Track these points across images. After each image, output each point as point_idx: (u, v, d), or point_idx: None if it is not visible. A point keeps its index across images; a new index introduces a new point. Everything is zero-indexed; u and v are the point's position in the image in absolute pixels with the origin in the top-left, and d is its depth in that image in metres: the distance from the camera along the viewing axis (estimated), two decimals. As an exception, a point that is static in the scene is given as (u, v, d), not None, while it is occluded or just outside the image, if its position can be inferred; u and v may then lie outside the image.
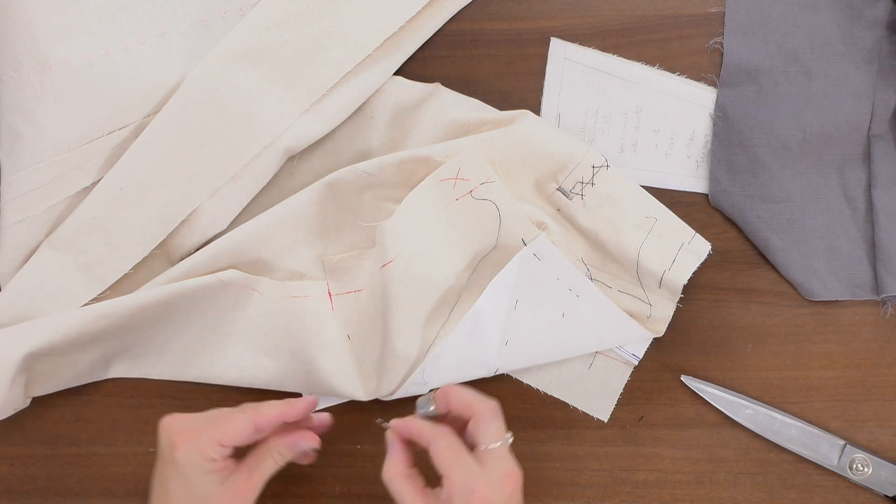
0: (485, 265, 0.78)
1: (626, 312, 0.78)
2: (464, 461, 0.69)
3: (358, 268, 0.80)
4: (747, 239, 0.80)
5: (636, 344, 0.80)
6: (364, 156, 0.82)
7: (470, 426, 0.71)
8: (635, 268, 0.78)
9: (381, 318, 0.77)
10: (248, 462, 0.72)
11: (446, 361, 0.77)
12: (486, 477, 0.68)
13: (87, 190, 0.79)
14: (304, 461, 0.74)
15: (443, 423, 0.71)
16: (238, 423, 0.71)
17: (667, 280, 0.76)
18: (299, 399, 0.73)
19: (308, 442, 0.74)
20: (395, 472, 0.70)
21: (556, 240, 0.78)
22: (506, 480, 0.69)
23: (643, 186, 0.79)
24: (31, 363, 0.77)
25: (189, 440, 0.69)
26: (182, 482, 0.70)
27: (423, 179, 0.78)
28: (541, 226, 0.78)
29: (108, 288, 0.80)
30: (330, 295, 0.80)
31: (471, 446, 0.70)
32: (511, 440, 0.70)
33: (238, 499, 0.71)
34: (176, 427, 0.70)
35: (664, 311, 0.78)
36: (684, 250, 0.77)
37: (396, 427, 0.72)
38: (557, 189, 0.79)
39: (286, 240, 0.80)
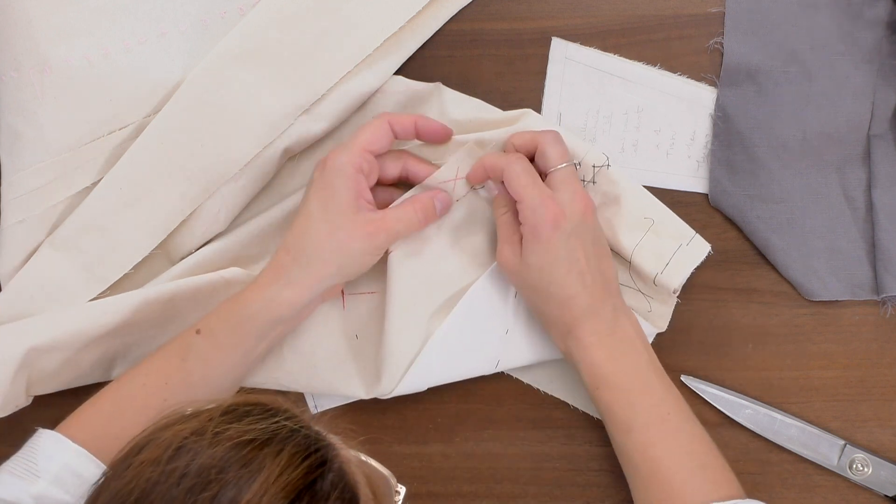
0: (489, 261, 0.79)
1: (628, 306, 0.78)
2: (535, 183, 0.73)
3: (373, 270, 0.80)
4: (747, 239, 0.80)
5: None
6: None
7: (536, 157, 0.75)
8: (630, 268, 0.78)
9: (384, 314, 0.77)
10: (389, 207, 0.76)
11: (445, 354, 0.77)
12: (556, 195, 0.73)
13: (88, 190, 0.79)
14: (438, 218, 0.78)
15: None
16: (374, 124, 0.75)
17: (659, 282, 0.76)
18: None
19: (444, 198, 0.77)
20: (500, 209, 0.76)
21: None
22: (576, 199, 0.73)
23: (644, 186, 0.79)
24: (34, 359, 0.77)
25: (337, 152, 0.74)
26: (324, 193, 0.73)
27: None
28: None
29: (109, 288, 0.80)
30: (343, 294, 0.80)
31: (542, 176, 0.74)
32: (579, 164, 0.76)
33: (371, 234, 0.73)
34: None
35: (664, 306, 0.79)
36: (682, 251, 0.77)
37: (475, 169, 0.77)
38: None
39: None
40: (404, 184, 0.80)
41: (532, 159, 0.76)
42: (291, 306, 0.73)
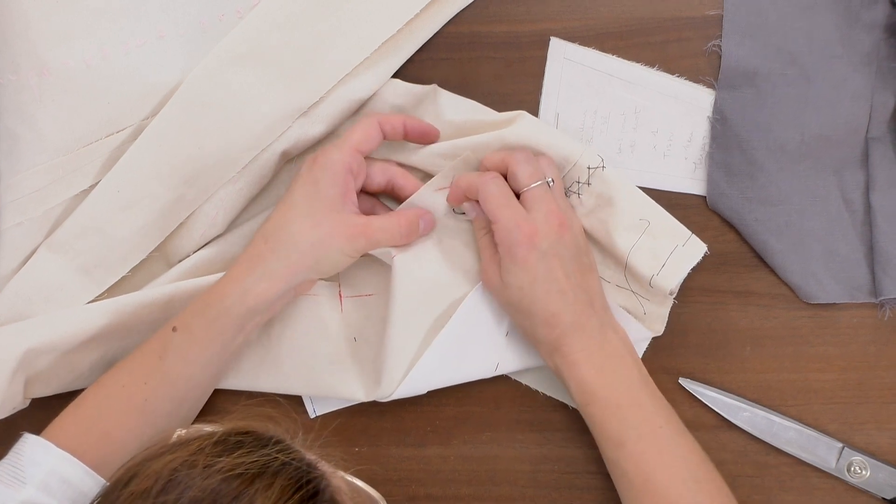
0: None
1: (624, 308, 0.78)
2: (509, 203, 0.73)
3: (370, 272, 0.80)
4: (745, 241, 0.80)
5: (635, 344, 0.80)
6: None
7: (508, 177, 0.75)
8: (625, 270, 0.78)
9: (386, 318, 0.77)
10: (375, 216, 0.76)
11: (445, 357, 0.77)
12: (531, 215, 0.73)
13: (86, 192, 0.79)
14: (420, 238, 0.78)
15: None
16: (365, 124, 0.75)
17: (655, 283, 0.76)
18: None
19: (430, 220, 0.78)
20: (480, 230, 0.77)
21: None
22: (550, 217, 0.73)
23: (640, 187, 0.79)
24: (32, 361, 0.77)
25: (329, 149, 0.75)
26: (311, 188, 0.73)
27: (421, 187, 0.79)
28: None
29: (106, 290, 0.80)
30: (340, 297, 0.80)
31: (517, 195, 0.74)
32: (552, 182, 0.75)
33: (351, 237, 0.74)
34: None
35: (660, 308, 0.79)
36: (678, 252, 0.76)
37: (452, 190, 0.77)
38: (556, 186, 0.79)
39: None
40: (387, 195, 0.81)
41: (507, 177, 0.76)
42: (266, 298, 0.73)
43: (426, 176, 0.80)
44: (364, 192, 0.79)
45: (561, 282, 0.72)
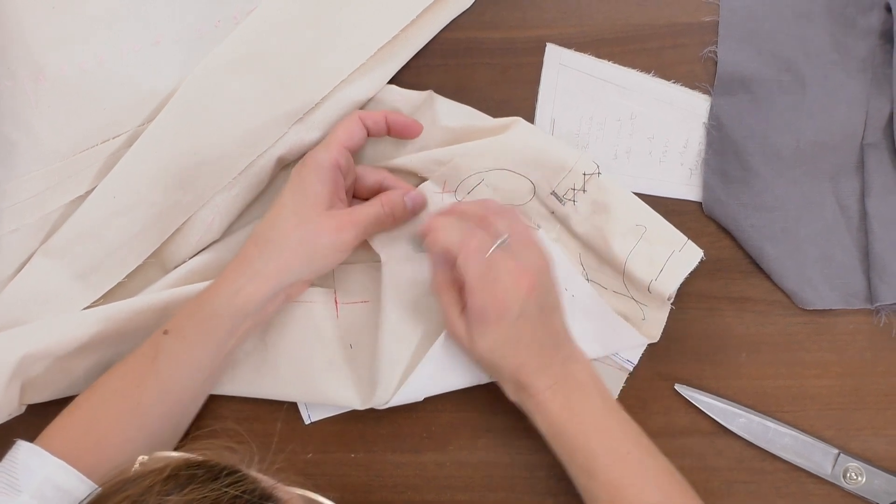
0: None
1: (621, 315, 0.78)
2: (485, 273, 0.71)
3: (367, 279, 0.80)
4: (741, 247, 0.80)
5: (631, 350, 0.80)
6: (358, 163, 0.82)
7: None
8: (623, 276, 0.78)
9: (378, 325, 0.77)
10: (359, 204, 0.76)
11: (441, 364, 0.77)
12: (497, 285, 0.71)
13: (82, 198, 0.79)
14: (410, 216, 0.78)
15: None
16: (347, 121, 0.76)
17: (654, 289, 0.76)
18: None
19: (415, 195, 0.77)
20: (440, 281, 0.75)
21: (553, 237, 0.79)
22: (519, 282, 0.71)
23: (636, 193, 0.79)
24: (28, 367, 0.77)
25: (316, 149, 0.75)
26: (299, 187, 0.74)
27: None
28: (536, 227, 0.79)
29: (102, 296, 0.80)
30: (336, 303, 0.80)
31: None
32: (504, 240, 0.71)
33: (338, 229, 0.73)
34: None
35: (658, 313, 0.79)
36: (675, 258, 0.77)
37: (430, 236, 0.74)
38: (551, 193, 0.79)
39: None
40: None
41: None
42: (256, 299, 0.73)
43: (420, 180, 0.80)
44: (356, 198, 0.79)
45: (527, 337, 0.72)
